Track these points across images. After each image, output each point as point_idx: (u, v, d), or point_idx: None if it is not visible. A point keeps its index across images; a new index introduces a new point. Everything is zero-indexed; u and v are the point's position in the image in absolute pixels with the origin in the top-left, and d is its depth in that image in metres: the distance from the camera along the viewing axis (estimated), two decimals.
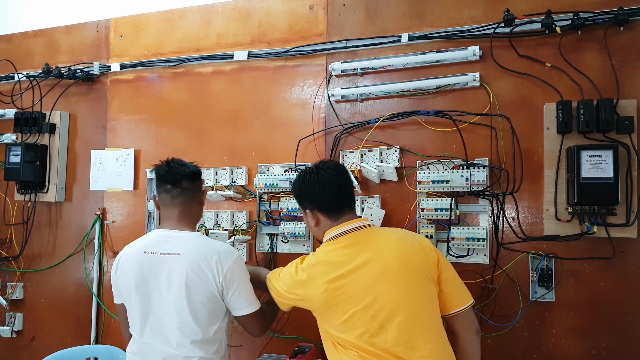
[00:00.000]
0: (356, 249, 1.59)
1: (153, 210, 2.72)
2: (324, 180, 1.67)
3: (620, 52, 2.01)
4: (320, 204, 1.69)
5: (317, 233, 1.75)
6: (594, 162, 1.92)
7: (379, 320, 1.51)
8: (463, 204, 2.16)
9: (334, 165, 1.72)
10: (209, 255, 1.73)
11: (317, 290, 1.58)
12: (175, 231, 1.81)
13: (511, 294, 2.09)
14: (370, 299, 1.53)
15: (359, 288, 1.54)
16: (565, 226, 2.00)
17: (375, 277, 1.54)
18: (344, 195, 1.70)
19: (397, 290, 1.53)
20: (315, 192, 1.68)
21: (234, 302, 1.78)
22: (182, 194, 1.85)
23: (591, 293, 2.01)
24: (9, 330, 2.97)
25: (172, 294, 1.72)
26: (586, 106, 1.94)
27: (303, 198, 1.74)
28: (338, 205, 1.68)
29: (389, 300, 1.52)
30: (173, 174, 1.85)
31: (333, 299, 1.56)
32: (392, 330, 1.50)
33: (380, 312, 1.51)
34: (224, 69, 2.67)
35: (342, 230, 1.65)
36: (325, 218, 1.69)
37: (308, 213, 1.73)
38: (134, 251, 1.81)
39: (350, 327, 1.54)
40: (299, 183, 1.74)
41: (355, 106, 2.39)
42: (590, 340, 2.00)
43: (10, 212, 3.06)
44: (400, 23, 2.33)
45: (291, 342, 2.36)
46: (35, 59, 3.11)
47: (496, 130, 2.14)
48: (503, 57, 2.15)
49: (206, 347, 1.76)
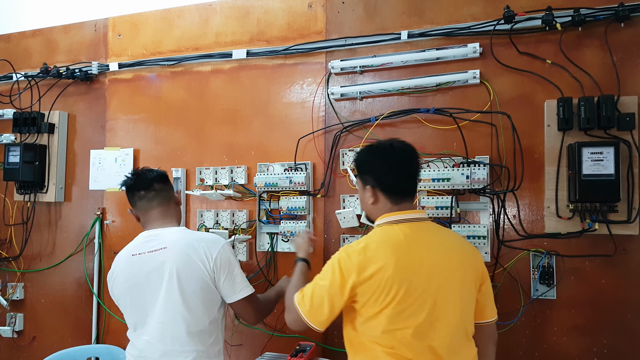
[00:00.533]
0: (420, 243, 1.50)
1: None
2: (398, 159, 1.56)
3: (621, 49, 2.00)
4: (386, 183, 1.55)
5: (371, 211, 1.61)
6: (595, 159, 1.91)
7: (432, 318, 1.43)
8: (464, 201, 2.15)
9: (409, 148, 1.59)
10: (196, 244, 1.77)
11: (385, 274, 1.42)
12: (159, 229, 1.85)
13: (512, 291, 2.08)
14: (428, 294, 1.44)
15: (421, 280, 1.44)
16: (567, 223, 1.99)
17: (436, 274, 1.46)
18: (412, 181, 1.59)
19: (453, 292, 1.48)
20: (385, 169, 1.55)
21: (227, 288, 1.80)
22: (158, 195, 1.90)
23: (593, 291, 2.00)
24: (9, 331, 2.97)
25: (164, 287, 1.74)
26: (587, 103, 1.93)
27: (368, 172, 1.59)
28: (404, 190, 1.57)
29: (446, 300, 1.46)
30: (143, 180, 1.91)
31: (395, 286, 1.41)
32: (441, 331, 1.44)
33: (434, 310, 1.44)
34: (222, 68, 2.66)
35: (407, 217, 1.54)
36: (387, 200, 1.56)
37: (368, 189, 1.58)
38: (123, 258, 1.86)
39: (404, 316, 1.42)
40: (368, 155, 1.60)
41: (354, 104, 2.39)
42: (592, 338, 2.00)
43: (10, 213, 3.05)
44: (400, 20, 2.32)
45: (292, 341, 2.35)
46: (34, 58, 3.10)
47: (497, 127, 2.13)
48: (503, 54, 2.14)
49: (203, 339, 1.77)
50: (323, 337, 2.35)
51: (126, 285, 1.80)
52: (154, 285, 1.75)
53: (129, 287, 1.80)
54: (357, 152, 1.76)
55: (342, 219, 2.29)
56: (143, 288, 1.77)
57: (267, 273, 2.47)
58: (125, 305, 1.83)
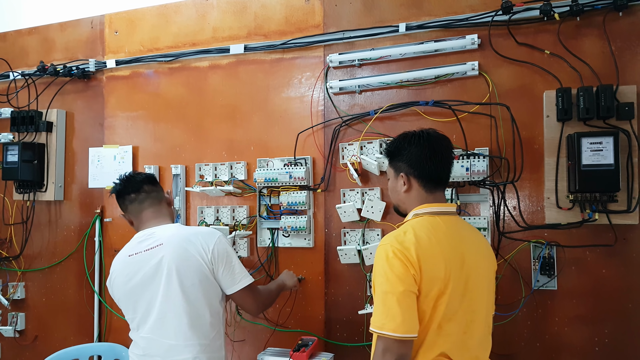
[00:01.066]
0: (460, 239, 1.47)
1: None
2: (434, 147, 1.52)
3: (619, 38, 2.00)
4: (422, 170, 1.51)
5: (402, 200, 1.57)
6: (594, 149, 1.91)
7: (470, 313, 1.42)
8: (464, 194, 2.15)
9: (444, 137, 1.56)
10: (192, 237, 1.78)
11: (438, 268, 1.37)
12: (154, 227, 1.86)
13: (513, 283, 2.08)
14: (467, 290, 1.42)
15: (462, 275, 1.41)
16: (567, 214, 1.99)
17: (473, 269, 1.44)
18: (448, 171, 1.56)
19: (483, 287, 1.48)
20: (421, 156, 1.51)
21: (226, 279, 1.81)
22: (149, 197, 1.92)
23: (593, 280, 2.00)
24: (11, 330, 2.97)
25: (164, 283, 1.74)
26: (586, 93, 1.93)
27: (402, 159, 1.55)
28: (438, 178, 1.53)
29: (479, 295, 1.46)
30: (132, 183, 1.94)
31: (450, 282, 1.37)
32: (475, 324, 1.45)
33: (470, 305, 1.42)
34: (220, 63, 2.65)
35: (444, 210, 1.51)
36: (421, 188, 1.52)
37: (402, 177, 1.54)
38: (120, 260, 1.87)
39: (451, 314, 1.39)
40: (403, 142, 1.56)
41: (353, 98, 2.38)
42: (593, 328, 2.00)
43: (10, 212, 3.05)
44: (398, 13, 2.31)
45: (294, 336, 2.36)
46: (30, 57, 3.09)
47: (496, 119, 2.13)
48: (502, 46, 2.13)
49: (205, 333, 1.78)
50: (325, 331, 2.35)
51: (126, 287, 1.81)
52: (153, 283, 1.76)
53: (129, 288, 1.80)
54: (389, 141, 1.71)
55: (343, 213, 2.29)
56: (143, 287, 1.77)
57: (268, 268, 2.47)
58: (127, 306, 1.84)
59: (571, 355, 2.02)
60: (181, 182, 2.65)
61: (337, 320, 2.36)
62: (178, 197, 2.65)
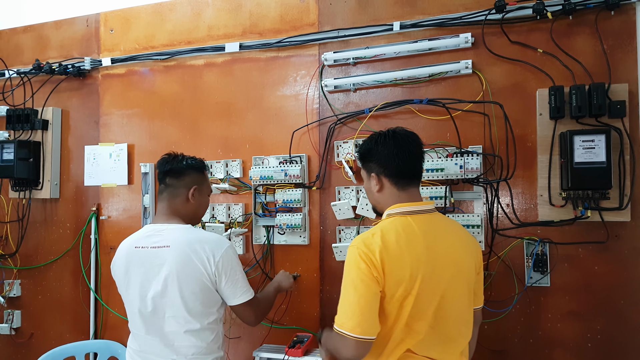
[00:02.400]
0: (433, 233, 1.50)
1: (148, 205, 2.71)
2: (400, 145, 1.56)
3: (611, 37, 2.01)
4: (390, 168, 1.56)
5: (378, 200, 1.62)
6: (586, 147, 1.92)
7: (442, 309, 1.46)
8: (457, 191, 2.17)
9: (411, 133, 1.61)
10: (198, 245, 1.74)
11: (405, 268, 1.41)
12: (164, 224, 1.83)
13: (507, 279, 2.10)
14: (439, 287, 1.45)
15: (434, 277, 1.44)
16: (560, 211, 2.01)
17: (448, 266, 1.48)
18: (416, 165, 1.59)
19: (462, 284, 1.52)
20: (388, 154, 1.55)
21: (228, 292, 1.79)
22: (166, 190, 1.89)
23: (586, 277, 2.02)
24: (7, 328, 2.97)
25: (163, 286, 1.73)
26: (578, 91, 1.95)
27: (371, 159, 1.60)
28: (409, 174, 1.57)
29: (455, 291, 1.49)
30: (161, 170, 1.91)
31: (413, 280, 1.41)
32: (450, 321, 1.48)
33: (443, 301, 1.46)
34: (215, 61, 2.65)
35: (418, 209, 1.54)
36: (392, 185, 1.56)
37: (373, 177, 1.59)
38: (125, 247, 1.85)
39: (417, 313, 1.43)
40: (370, 143, 1.61)
41: (348, 96, 2.39)
42: (586, 324, 2.02)
43: (5, 210, 3.05)
44: (392, 11, 2.32)
45: (290, 333, 2.37)
46: (26, 55, 3.09)
47: (489, 117, 2.14)
48: (495, 44, 2.15)
49: (203, 337, 1.78)
50: (320, 328, 2.36)
51: (126, 278, 1.80)
52: (153, 283, 1.75)
53: (128, 278, 1.80)
54: (359, 143, 1.76)
55: (338, 211, 2.30)
56: (142, 284, 1.77)
57: (263, 266, 2.48)
58: (126, 297, 1.84)
59: (564, 351, 2.04)
60: None
61: (332, 317, 2.34)
62: None
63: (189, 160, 1.93)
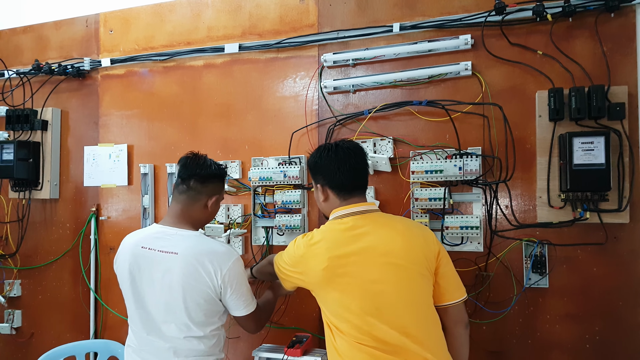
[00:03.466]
0: (362, 232, 1.61)
1: (148, 206, 2.72)
2: (341, 158, 1.68)
3: (611, 39, 2.01)
4: (332, 181, 1.69)
5: (324, 208, 1.76)
6: (586, 149, 1.93)
7: (376, 304, 1.54)
8: (457, 193, 2.17)
9: (353, 146, 1.73)
10: (207, 258, 1.71)
11: (319, 267, 1.59)
12: (174, 228, 1.79)
13: (505, 280, 2.11)
14: (370, 282, 1.55)
15: (361, 270, 1.56)
16: (558, 213, 2.01)
17: (377, 262, 1.56)
18: (357, 177, 1.71)
19: (396, 278, 1.56)
20: (330, 168, 1.68)
21: (231, 303, 1.79)
22: (187, 192, 1.84)
23: (584, 279, 2.03)
24: (8, 327, 2.97)
25: (167, 293, 1.72)
26: (578, 93, 1.95)
27: (317, 172, 1.74)
28: (350, 185, 1.69)
29: (388, 285, 1.55)
30: (186, 169, 1.85)
31: (334, 276, 1.58)
32: (387, 315, 1.53)
33: (378, 296, 1.54)
34: (215, 62, 2.65)
35: (350, 211, 1.66)
36: (335, 196, 1.70)
37: (319, 187, 1.74)
38: (131, 244, 1.81)
39: (347, 305, 1.55)
40: (316, 157, 1.74)
41: (347, 97, 2.39)
42: (584, 326, 2.03)
43: (5, 210, 3.05)
44: (392, 13, 2.32)
45: (289, 333, 2.38)
46: (25, 55, 3.09)
47: (489, 119, 2.14)
48: (495, 46, 2.15)
49: (204, 341, 1.77)
50: (319, 328, 2.37)
51: (128, 275, 1.77)
52: (156, 288, 1.73)
53: (130, 277, 1.77)
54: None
55: None
56: (145, 285, 1.75)
57: None
58: (126, 292, 1.81)
59: (562, 353, 2.05)
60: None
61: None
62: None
63: (215, 167, 1.90)
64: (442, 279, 1.64)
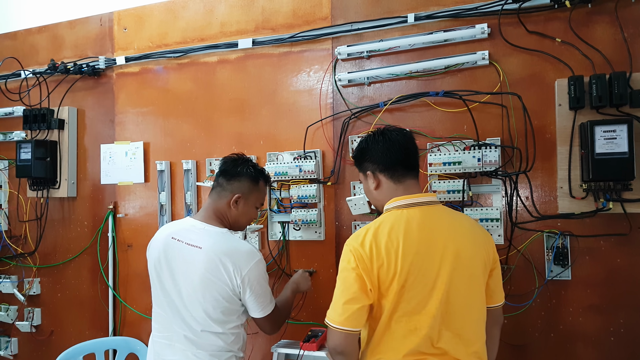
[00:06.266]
0: (431, 225, 1.49)
1: (165, 203, 2.73)
2: (390, 139, 1.57)
3: (632, 24, 1.96)
4: (382, 162, 1.57)
5: (377, 199, 1.61)
6: (608, 137, 1.88)
7: (446, 304, 1.44)
8: (476, 184, 2.14)
9: (400, 129, 1.64)
10: (228, 257, 1.73)
11: (398, 252, 1.42)
12: (203, 223, 1.83)
13: (527, 273, 2.07)
14: (440, 281, 1.43)
15: (433, 266, 1.44)
16: (580, 203, 1.97)
17: (447, 259, 1.45)
18: (409, 157, 1.58)
19: (463, 277, 1.47)
20: (379, 150, 1.57)
21: (250, 304, 1.80)
22: (216, 188, 1.91)
23: (608, 270, 1.99)
24: (28, 325, 3.01)
25: (189, 285, 1.75)
26: (598, 81, 1.91)
27: (364, 159, 1.62)
28: (402, 166, 1.56)
29: (459, 285, 1.45)
30: (219, 167, 1.94)
31: (407, 267, 1.42)
32: (455, 316, 1.45)
33: (447, 296, 1.44)
34: (229, 58, 2.65)
35: (415, 201, 1.52)
36: (387, 179, 1.57)
37: (369, 175, 1.60)
38: (165, 234, 1.86)
39: (415, 304, 1.43)
40: (362, 144, 1.64)
41: (362, 90, 2.37)
42: (608, 317, 1.99)
43: (24, 209, 3.08)
44: (406, 3, 2.29)
45: (305, 327, 2.37)
46: (41, 55, 3.12)
47: (507, 108, 2.11)
48: (512, 34, 2.11)
49: (223, 337, 1.78)
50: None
51: (157, 263, 1.83)
52: (179, 279, 1.77)
53: (157, 265, 1.83)
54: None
55: (353, 206, 2.29)
56: (169, 274, 1.79)
57: (279, 262, 2.48)
58: (152, 278, 1.86)
59: (586, 346, 2.01)
60: (192, 177, 2.66)
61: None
62: (189, 192, 2.66)
63: (245, 167, 1.92)
64: (492, 281, 1.59)
